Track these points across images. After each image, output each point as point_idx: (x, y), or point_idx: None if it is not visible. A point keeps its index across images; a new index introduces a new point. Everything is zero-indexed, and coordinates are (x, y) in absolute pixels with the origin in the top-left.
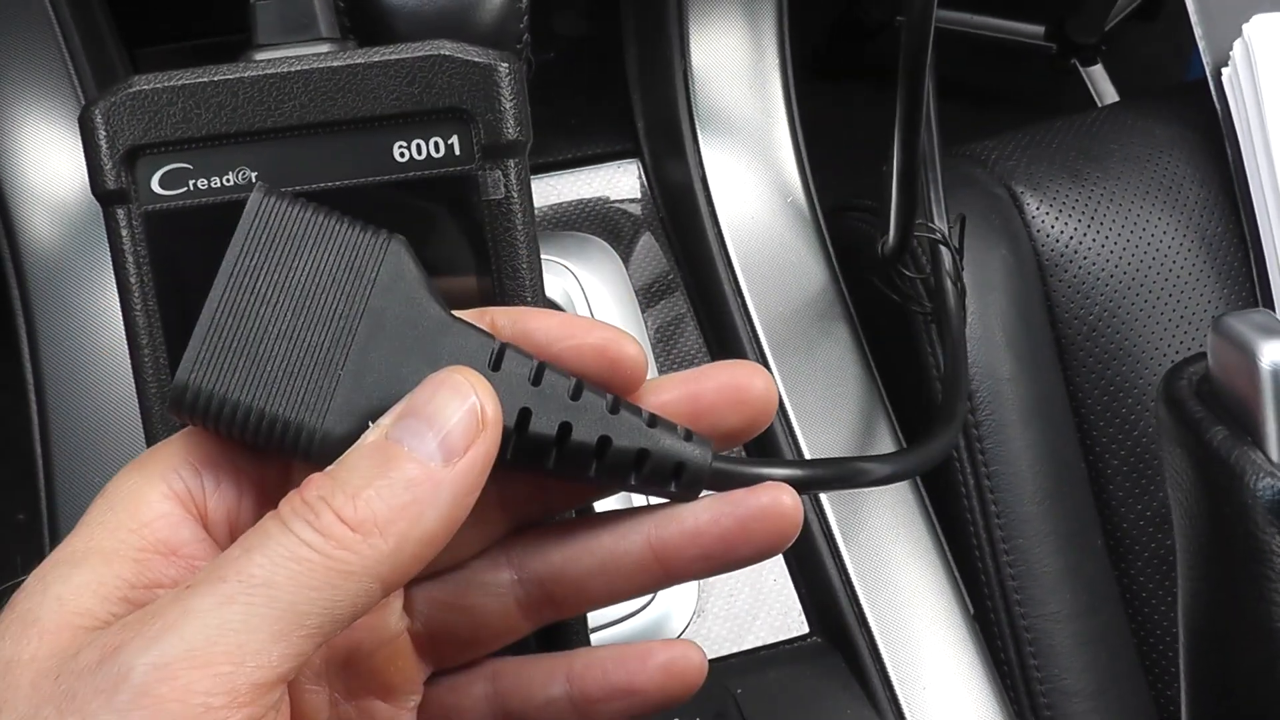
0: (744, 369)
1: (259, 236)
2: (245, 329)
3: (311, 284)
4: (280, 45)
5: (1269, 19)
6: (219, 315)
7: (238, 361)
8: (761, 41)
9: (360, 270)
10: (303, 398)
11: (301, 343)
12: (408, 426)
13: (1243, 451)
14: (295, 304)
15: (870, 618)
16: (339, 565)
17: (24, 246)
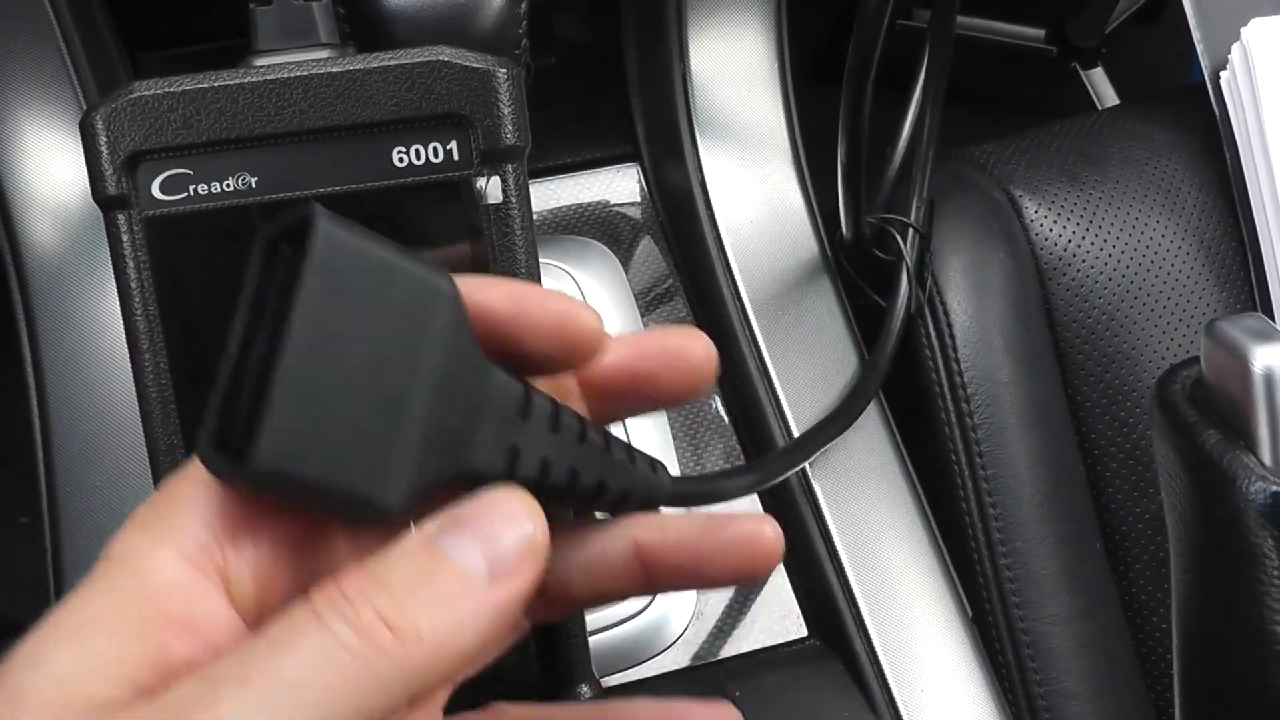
0: (685, 336)
1: (327, 281)
2: (317, 392)
3: (375, 335)
4: (280, 51)
5: (1267, 23)
6: (292, 379)
7: (312, 432)
8: (760, 45)
9: (419, 319)
10: (372, 469)
11: (368, 404)
12: (458, 539)
13: (1235, 455)
14: (361, 359)
15: (868, 621)
16: (374, 671)
17: (25, 251)
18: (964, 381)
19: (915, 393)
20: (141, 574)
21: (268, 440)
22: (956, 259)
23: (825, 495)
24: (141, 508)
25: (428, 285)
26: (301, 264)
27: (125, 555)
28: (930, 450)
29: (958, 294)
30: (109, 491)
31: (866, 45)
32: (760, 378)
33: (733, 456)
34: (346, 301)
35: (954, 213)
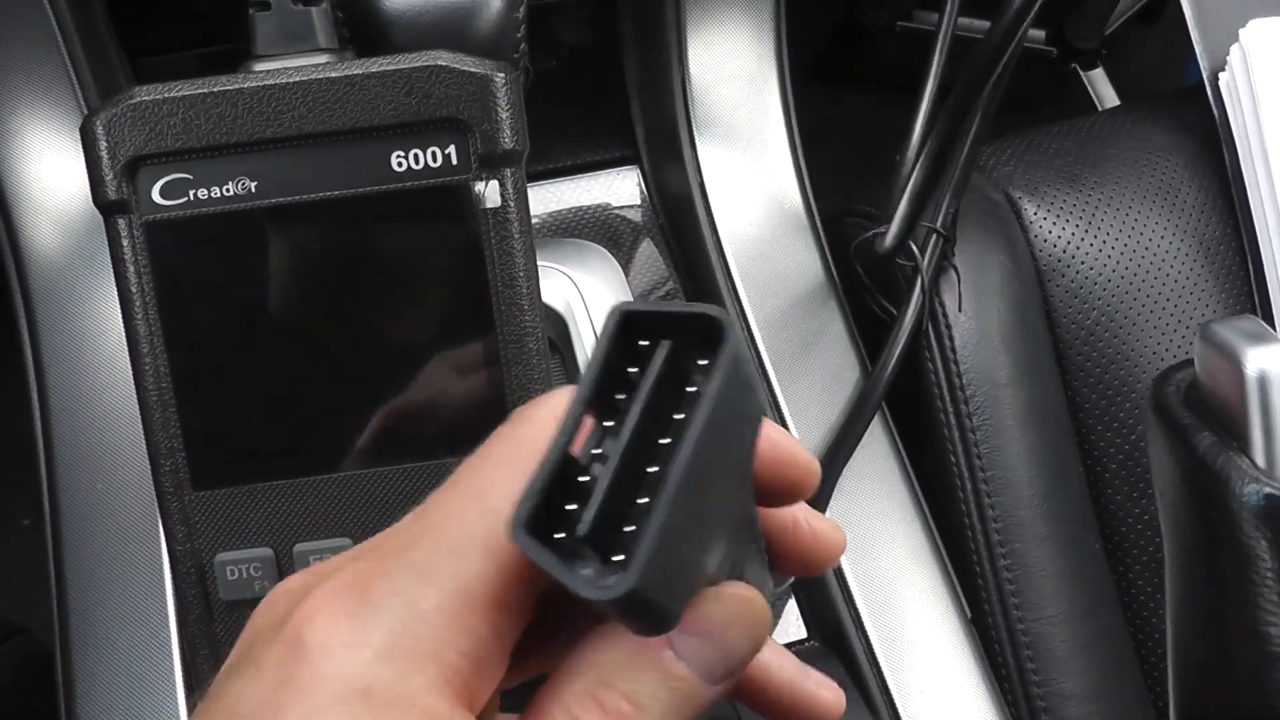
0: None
1: (726, 402)
2: (687, 519)
3: (732, 459)
4: (279, 56)
5: (1265, 24)
6: (678, 503)
7: (673, 560)
8: (759, 48)
9: (746, 443)
10: (682, 588)
11: (703, 528)
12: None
13: (1229, 457)
14: (718, 485)
15: (867, 622)
16: None
17: (27, 255)
18: (963, 383)
19: (914, 394)
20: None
21: (647, 569)
22: (956, 260)
23: None
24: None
25: (759, 402)
26: (710, 383)
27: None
28: (929, 451)
29: (956, 295)
30: (110, 494)
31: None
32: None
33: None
34: (729, 424)
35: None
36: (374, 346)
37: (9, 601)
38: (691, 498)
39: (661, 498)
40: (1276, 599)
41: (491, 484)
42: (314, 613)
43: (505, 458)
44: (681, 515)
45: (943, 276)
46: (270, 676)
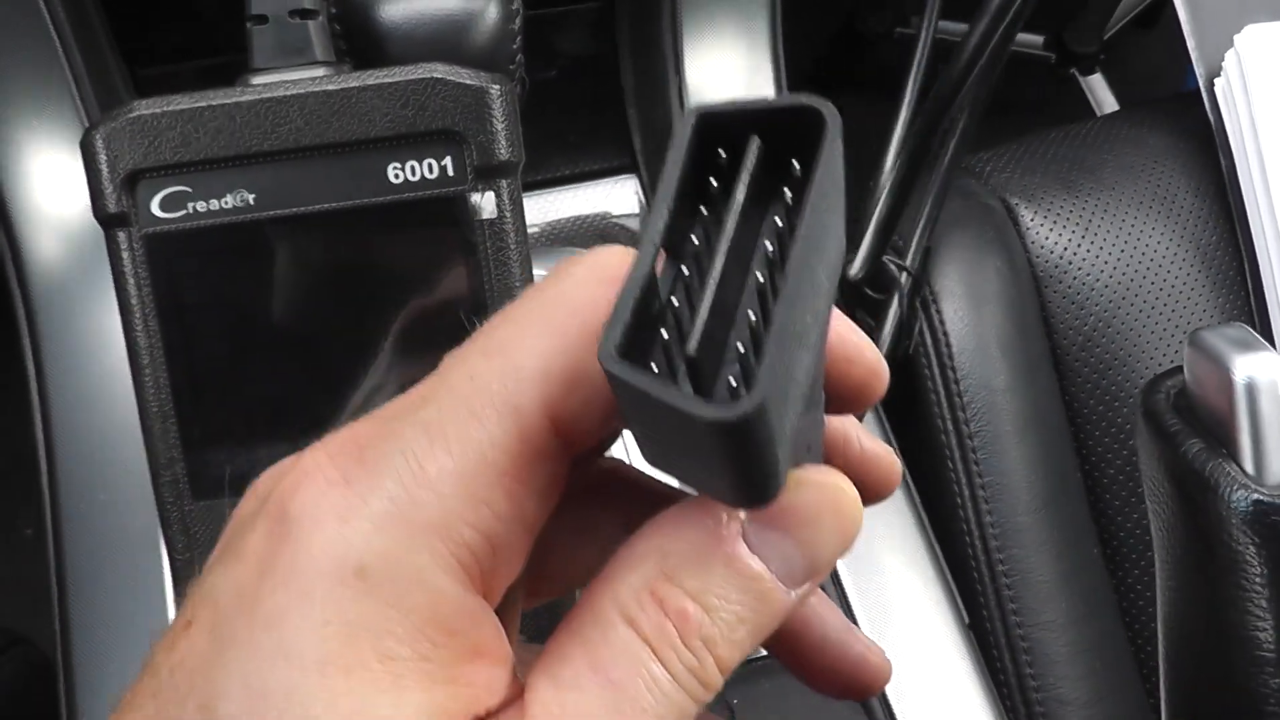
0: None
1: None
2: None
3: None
4: (276, 69)
5: (1260, 29)
6: (790, 322)
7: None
8: (756, 57)
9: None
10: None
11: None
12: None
13: (1217, 464)
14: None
15: (864, 627)
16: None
17: (29, 266)
18: (960, 389)
19: (911, 400)
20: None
21: (767, 382)
22: (952, 267)
23: None
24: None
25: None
26: (810, 184)
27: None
28: (927, 457)
29: (954, 302)
30: (111, 504)
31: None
32: None
33: None
34: (825, 223)
35: (950, 221)
36: (372, 357)
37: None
38: (797, 322)
39: (780, 302)
40: (1265, 603)
41: (517, 341)
42: (301, 480)
43: (532, 315)
44: (790, 337)
45: (938, 285)
46: (251, 560)
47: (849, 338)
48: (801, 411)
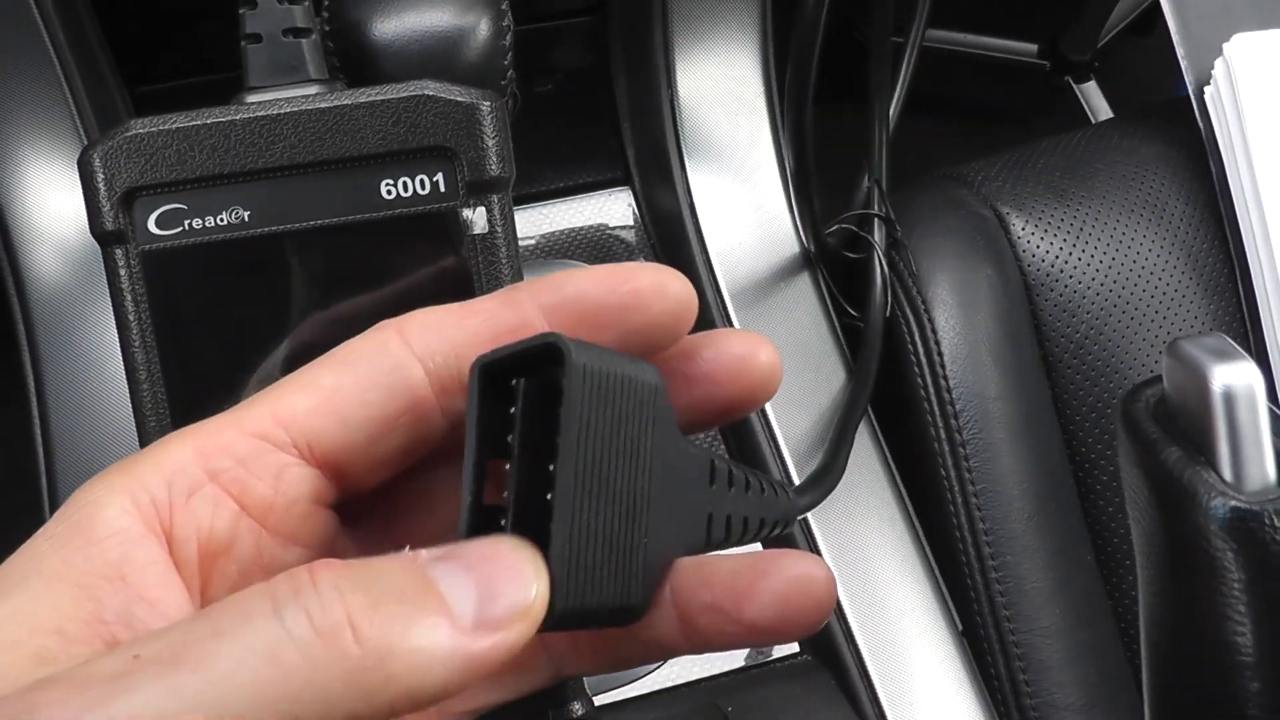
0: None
1: (586, 419)
2: (586, 531)
3: (619, 452)
4: (270, 88)
5: (1249, 38)
6: (570, 527)
7: (586, 568)
8: (747, 69)
9: (643, 421)
10: (628, 580)
11: (618, 519)
12: (454, 573)
13: (1196, 471)
14: (611, 481)
15: (858, 635)
16: (322, 677)
17: (29, 283)
18: (952, 397)
19: (904, 408)
20: (86, 524)
21: (561, 593)
22: (944, 276)
23: (813, 510)
24: (116, 463)
25: (644, 383)
26: (564, 404)
27: (76, 505)
28: (919, 465)
29: (945, 310)
30: None
31: (803, 65)
32: None
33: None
34: (602, 431)
35: (941, 230)
36: None
37: None
38: (585, 508)
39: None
40: (1244, 608)
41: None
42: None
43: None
44: (574, 527)
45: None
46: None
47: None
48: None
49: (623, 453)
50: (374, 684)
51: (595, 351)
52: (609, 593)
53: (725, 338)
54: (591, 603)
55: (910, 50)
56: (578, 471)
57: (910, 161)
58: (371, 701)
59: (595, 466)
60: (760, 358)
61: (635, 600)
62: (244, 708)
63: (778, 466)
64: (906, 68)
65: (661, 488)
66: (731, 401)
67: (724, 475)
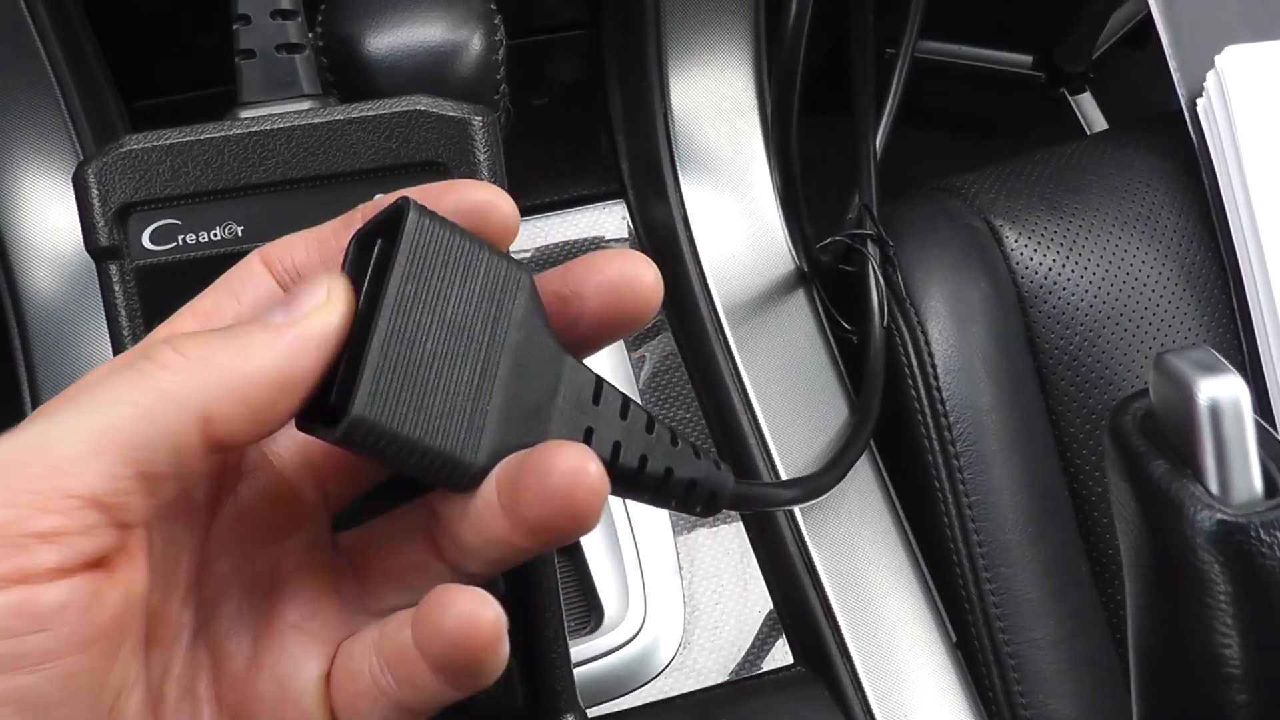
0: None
1: (417, 262)
2: (409, 360)
3: (462, 314)
4: (264, 103)
5: (1241, 50)
6: (386, 346)
7: (405, 395)
8: (740, 82)
9: (500, 303)
10: (459, 433)
11: (456, 375)
12: (269, 310)
13: (1182, 484)
14: (449, 335)
15: (852, 647)
16: (159, 385)
17: (25, 298)
18: (946, 410)
19: (898, 420)
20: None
21: (364, 399)
22: (938, 289)
23: (807, 521)
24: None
25: (508, 273)
26: (395, 247)
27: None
28: (913, 476)
29: (939, 323)
30: None
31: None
32: (744, 408)
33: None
34: (435, 281)
35: (935, 243)
36: None
37: None
38: (411, 345)
39: (365, 345)
40: (1230, 621)
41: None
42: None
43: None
44: (395, 356)
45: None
46: None
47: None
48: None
49: (473, 320)
50: (205, 379)
51: (454, 227)
52: (430, 433)
53: (606, 257)
54: (399, 431)
55: (902, 63)
56: (399, 308)
57: (904, 173)
58: (214, 394)
59: (428, 315)
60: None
61: (464, 455)
62: (107, 418)
63: (769, 473)
64: (898, 80)
65: (526, 377)
66: (614, 318)
67: (614, 401)
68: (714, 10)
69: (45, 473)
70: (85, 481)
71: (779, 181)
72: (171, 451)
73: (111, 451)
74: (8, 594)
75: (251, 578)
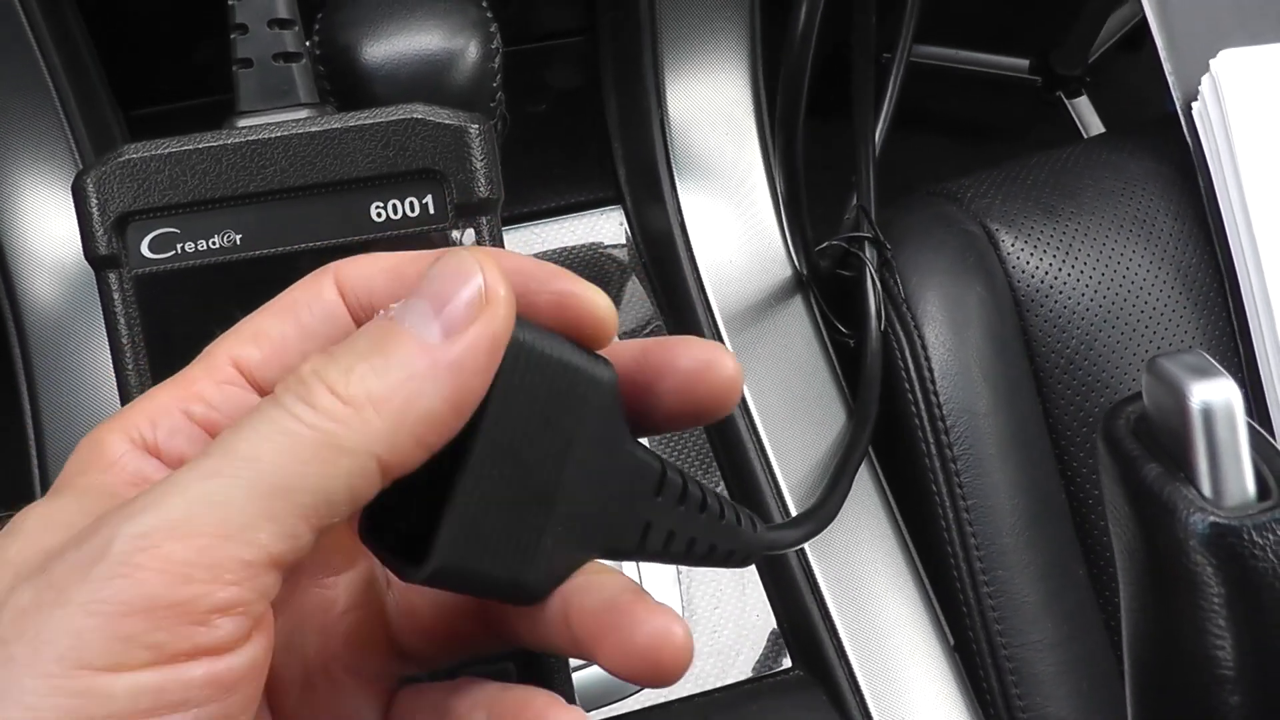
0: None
1: (515, 391)
2: (491, 489)
3: (542, 429)
4: (262, 112)
5: (1236, 54)
6: (474, 480)
7: (484, 529)
8: (736, 88)
9: (580, 414)
10: (528, 557)
11: (528, 494)
12: (411, 307)
13: (1175, 487)
14: (528, 453)
15: (850, 651)
16: (330, 439)
17: (25, 307)
18: (943, 414)
19: (894, 425)
20: (98, 453)
21: (447, 545)
22: (934, 293)
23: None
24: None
25: (591, 377)
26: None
27: (83, 446)
28: (910, 480)
29: (935, 327)
30: None
31: (793, 93)
32: (741, 413)
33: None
34: (526, 404)
35: (931, 247)
36: None
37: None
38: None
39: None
40: (1224, 622)
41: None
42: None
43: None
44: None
45: (919, 310)
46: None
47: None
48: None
49: (549, 438)
50: (379, 429)
51: (543, 335)
52: (500, 564)
53: (686, 344)
54: (477, 568)
55: (897, 67)
56: (493, 442)
57: (900, 178)
58: (392, 442)
59: (513, 444)
60: (724, 366)
61: (528, 580)
62: (276, 477)
63: (769, 484)
64: (894, 85)
65: (590, 483)
66: (690, 408)
67: (675, 489)
68: (710, 16)
69: (219, 543)
70: (262, 547)
71: (783, 186)
72: (350, 501)
73: (287, 514)
74: (198, 666)
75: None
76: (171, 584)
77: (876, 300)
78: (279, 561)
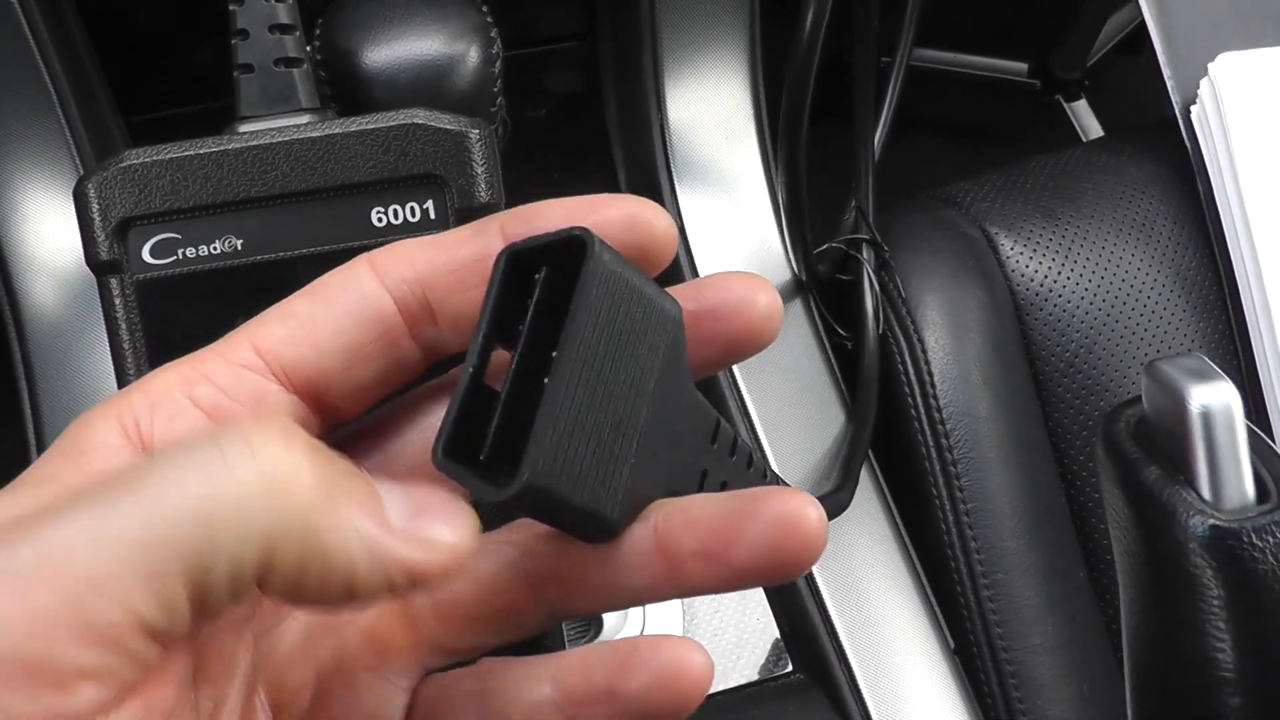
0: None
1: (598, 311)
2: (574, 414)
3: (620, 361)
4: (263, 117)
5: (1234, 57)
6: (560, 400)
7: (567, 453)
8: (736, 93)
9: (652, 345)
10: (606, 489)
11: (605, 425)
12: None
13: (1174, 490)
14: (607, 383)
15: (850, 654)
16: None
17: (26, 312)
18: (943, 417)
19: (895, 429)
20: (78, 438)
21: (537, 462)
22: (934, 297)
23: None
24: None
25: (662, 310)
26: (577, 290)
27: (74, 424)
28: (911, 484)
29: (935, 332)
30: None
31: (797, 100)
32: (740, 415)
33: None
34: (607, 329)
35: (930, 251)
36: None
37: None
38: (578, 398)
39: (540, 400)
40: (1223, 625)
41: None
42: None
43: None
44: (563, 410)
45: (919, 314)
46: None
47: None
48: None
49: (627, 365)
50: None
51: (620, 260)
52: (583, 491)
53: (726, 278)
54: (563, 491)
55: (897, 71)
56: (579, 359)
57: (899, 182)
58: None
59: (597, 365)
60: (760, 298)
61: (608, 511)
62: (174, 527)
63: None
64: (893, 89)
65: (660, 420)
66: (733, 341)
67: (727, 439)
68: (710, 21)
69: (90, 594)
70: (132, 610)
71: (784, 193)
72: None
73: (165, 574)
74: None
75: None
76: (31, 637)
77: (874, 301)
78: (151, 629)
